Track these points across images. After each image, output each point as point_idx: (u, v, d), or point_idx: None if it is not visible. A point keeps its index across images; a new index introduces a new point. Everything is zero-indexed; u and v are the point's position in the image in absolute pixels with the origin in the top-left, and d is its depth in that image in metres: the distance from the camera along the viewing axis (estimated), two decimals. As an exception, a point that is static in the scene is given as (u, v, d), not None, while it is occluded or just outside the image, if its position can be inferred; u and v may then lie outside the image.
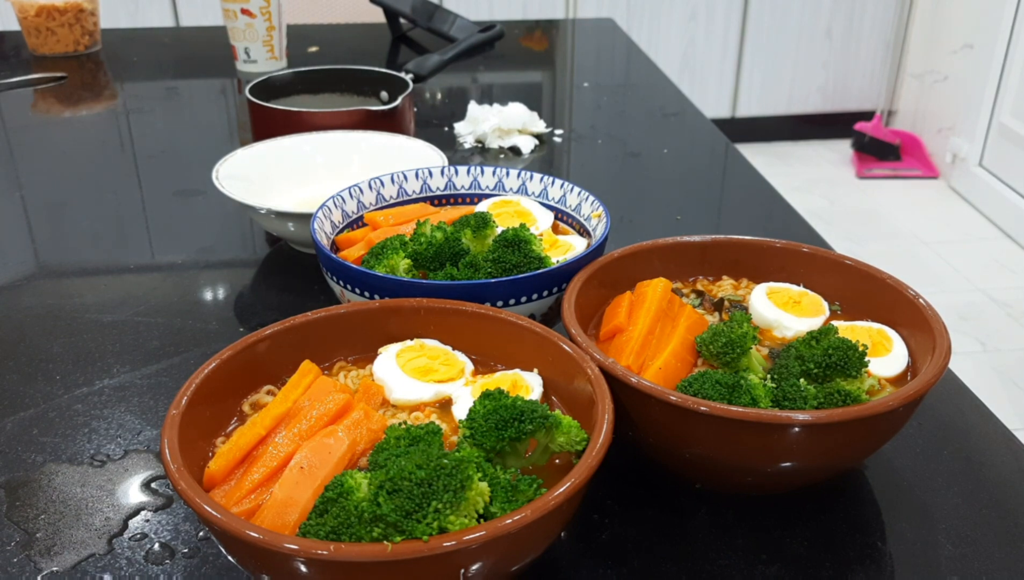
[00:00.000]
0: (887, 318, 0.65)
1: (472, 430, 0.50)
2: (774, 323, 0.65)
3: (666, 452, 0.57)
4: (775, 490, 0.60)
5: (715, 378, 0.55)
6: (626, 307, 0.64)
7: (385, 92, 1.25)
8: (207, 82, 1.59)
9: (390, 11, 1.78)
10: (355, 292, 0.66)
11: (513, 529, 0.42)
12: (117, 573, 0.53)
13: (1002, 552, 0.55)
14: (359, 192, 0.81)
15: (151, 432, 0.66)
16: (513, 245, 0.67)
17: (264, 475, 0.50)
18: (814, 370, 0.56)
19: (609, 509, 0.58)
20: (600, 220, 0.76)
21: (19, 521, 0.57)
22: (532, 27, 1.94)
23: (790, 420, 0.50)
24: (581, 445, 0.50)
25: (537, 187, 0.84)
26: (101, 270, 0.91)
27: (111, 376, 0.72)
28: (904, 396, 0.52)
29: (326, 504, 0.44)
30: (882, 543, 0.56)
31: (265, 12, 1.48)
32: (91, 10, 1.64)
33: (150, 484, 0.60)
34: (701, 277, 0.72)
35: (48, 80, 1.51)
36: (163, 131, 1.32)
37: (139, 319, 0.80)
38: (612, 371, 0.54)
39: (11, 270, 0.90)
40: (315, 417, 0.53)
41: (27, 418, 0.67)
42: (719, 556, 0.55)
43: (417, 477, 0.42)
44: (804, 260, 0.70)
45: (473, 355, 0.61)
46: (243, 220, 1.01)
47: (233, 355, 0.56)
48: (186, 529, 0.57)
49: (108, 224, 1.01)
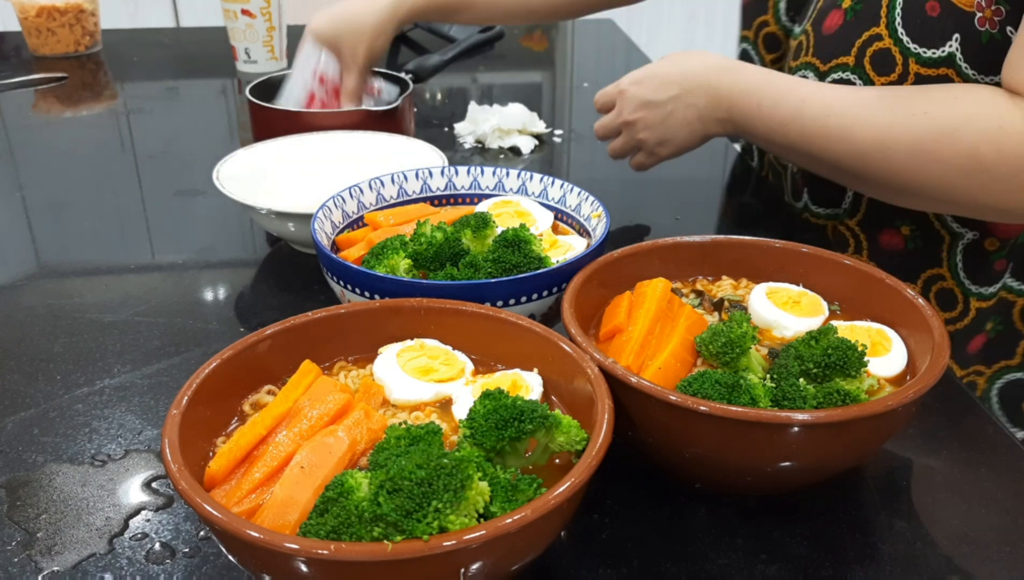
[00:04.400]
0: (887, 318, 0.65)
1: (472, 430, 0.50)
2: (774, 323, 0.65)
3: (666, 452, 0.57)
4: (775, 490, 0.60)
5: (715, 378, 0.55)
6: (626, 307, 0.64)
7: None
8: (207, 82, 1.59)
9: (390, 11, 1.78)
10: (355, 292, 0.66)
11: (513, 529, 0.42)
12: (118, 573, 0.53)
13: (1002, 552, 0.55)
14: (359, 192, 0.81)
15: (152, 432, 0.66)
16: (513, 245, 0.67)
17: (264, 475, 0.50)
18: (813, 370, 0.56)
19: (609, 509, 0.58)
20: (600, 220, 0.76)
21: (20, 521, 0.57)
22: (532, 27, 1.94)
23: (790, 420, 0.50)
24: (581, 445, 0.50)
25: (537, 187, 0.84)
26: (101, 270, 0.91)
27: (112, 376, 0.72)
28: (904, 396, 0.52)
29: (326, 504, 0.44)
30: (882, 543, 0.56)
31: (265, 12, 1.48)
32: (91, 10, 1.64)
33: (151, 484, 0.61)
34: (701, 277, 0.72)
35: (48, 80, 1.51)
36: (163, 131, 1.32)
37: (139, 319, 0.80)
38: (612, 371, 0.54)
39: (11, 270, 0.90)
40: (315, 417, 0.53)
41: (28, 418, 0.67)
42: (719, 556, 0.55)
43: (417, 477, 0.42)
44: (804, 260, 0.70)
45: (473, 355, 0.61)
46: (243, 220, 1.01)
47: (233, 355, 0.56)
48: (187, 529, 0.57)
49: (108, 224, 1.02)
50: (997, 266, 0.88)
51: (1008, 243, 0.87)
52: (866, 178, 0.79)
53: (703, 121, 0.89)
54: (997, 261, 0.88)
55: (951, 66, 0.78)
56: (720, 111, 0.87)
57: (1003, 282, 0.88)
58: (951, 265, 0.89)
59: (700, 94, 0.88)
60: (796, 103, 0.81)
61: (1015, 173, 0.70)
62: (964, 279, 0.89)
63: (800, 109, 0.81)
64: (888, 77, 0.82)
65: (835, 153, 0.79)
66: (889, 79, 0.81)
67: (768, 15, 1.01)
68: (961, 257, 0.88)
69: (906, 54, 0.80)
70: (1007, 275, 0.88)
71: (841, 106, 0.79)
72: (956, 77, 0.79)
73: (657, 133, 0.92)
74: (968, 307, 0.90)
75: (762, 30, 1.02)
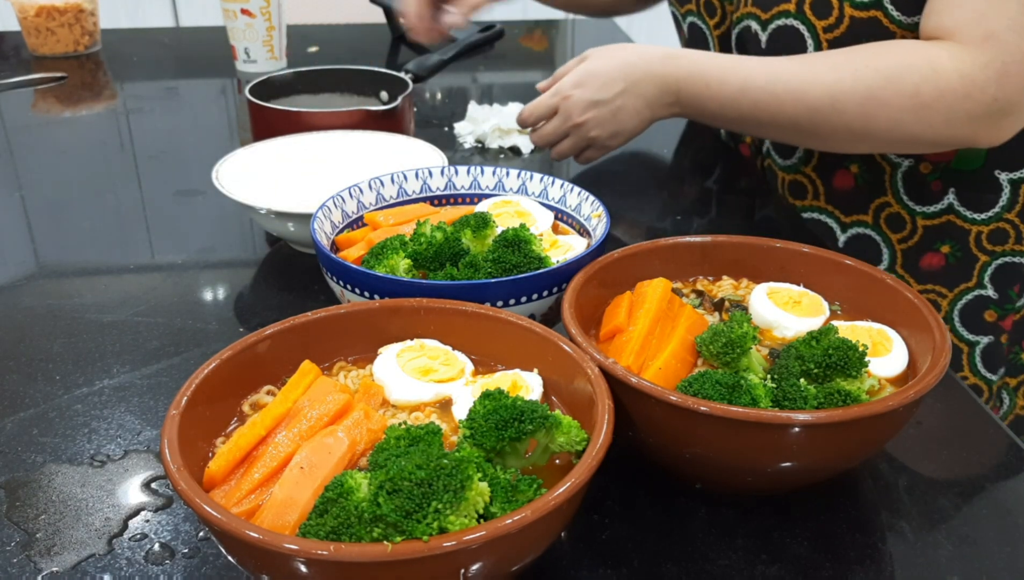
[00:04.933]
0: (887, 318, 0.65)
1: (472, 430, 0.50)
2: (774, 323, 0.65)
3: (666, 452, 0.57)
4: (775, 490, 0.60)
5: (715, 378, 0.55)
6: (626, 307, 0.64)
7: (385, 92, 1.25)
8: (207, 82, 1.59)
9: (390, 11, 1.78)
10: (355, 292, 0.66)
11: (513, 529, 0.42)
12: (117, 573, 0.53)
13: (1002, 552, 0.55)
14: (359, 192, 0.81)
15: (151, 432, 0.66)
16: (513, 245, 0.67)
17: (264, 475, 0.50)
18: (814, 370, 0.56)
19: (609, 509, 0.58)
20: (600, 220, 0.76)
21: (19, 521, 0.57)
22: (532, 27, 1.94)
23: (790, 420, 0.50)
24: (581, 445, 0.50)
25: (537, 187, 0.84)
26: (101, 270, 0.91)
27: (111, 376, 0.72)
28: (904, 396, 0.52)
29: (326, 504, 0.44)
30: (882, 543, 0.56)
31: (265, 12, 1.48)
32: (91, 10, 1.64)
33: (150, 484, 0.60)
34: (701, 277, 0.72)
35: (48, 80, 1.51)
36: (163, 131, 1.32)
37: (139, 319, 0.80)
38: (612, 371, 0.54)
39: (11, 270, 0.90)
40: (315, 417, 0.53)
41: (27, 418, 0.67)
42: (719, 556, 0.55)
43: (417, 477, 0.42)
44: (804, 260, 0.70)
45: (473, 355, 0.61)
46: (243, 220, 1.01)
47: (233, 355, 0.56)
48: (186, 529, 0.57)
49: (108, 224, 1.01)
50: (934, 187, 0.99)
51: (940, 166, 0.98)
52: (820, 134, 0.89)
53: (652, 108, 0.97)
54: (933, 182, 0.98)
55: (879, 8, 0.88)
56: (668, 95, 0.95)
57: (947, 203, 0.98)
58: (895, 191, 1.00)
59: (647, 84, 0.95)
60: (743, 76, 0.90)
61: (951, 107, 0.82)
62: (908, 201, 1.00)
63: (747, 81, 0.90)
64: (826, 20, 0.91)
65: (788, 115, 0.88)
66: (827, 22, 0.90)
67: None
68: (902, 182, 1.00)
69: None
70: (950, 197, 0.98)
71: (787, 72, 0.88)
72: (883, 18, 0.88)
73: (608, 128, 0.98)
74: (916, 226, 1.01)
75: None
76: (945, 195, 0.98)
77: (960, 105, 0.82)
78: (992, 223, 0.99)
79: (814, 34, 0.92)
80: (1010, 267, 1.01)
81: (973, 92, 0.81)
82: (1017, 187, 0.97)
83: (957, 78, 0.82)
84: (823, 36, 0.92)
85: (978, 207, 0.99)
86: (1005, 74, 0.81)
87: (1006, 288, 1.02)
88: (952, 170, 0.98)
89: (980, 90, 0.82)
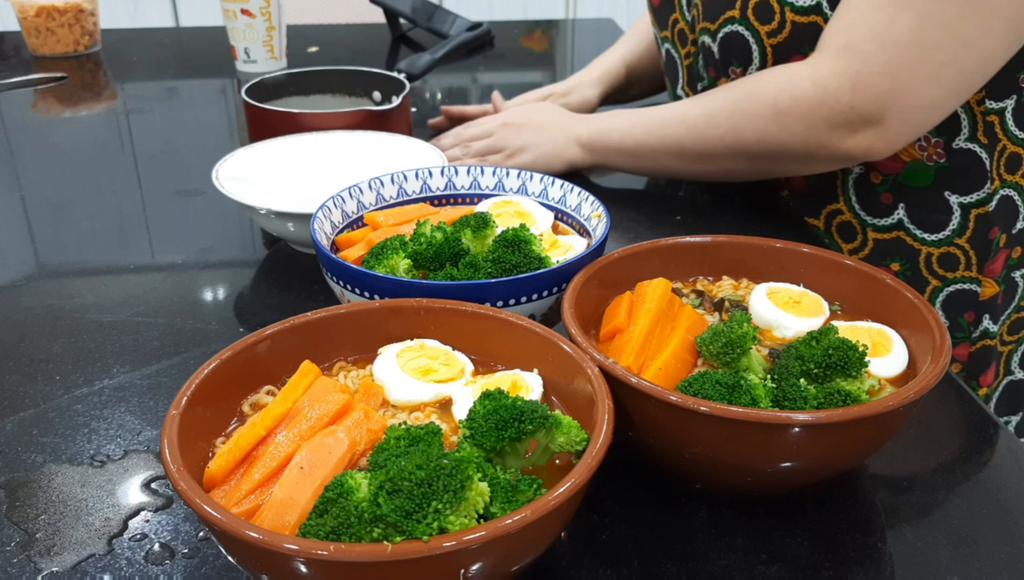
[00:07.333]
0: (887, 318, 0.65)
1: (472, 430, 0.50)
2: (774, 323, 0.65)
3: (666, 452, 0.57)
4: (775, 490, 0.60)
5: (715, 378, 0.55)
6: (626, 307, 0.64)
7: (377, 92, 1.25)
8: (207, 82, 1.59)
9: (390, 11, 1.78)
10: (355, 292, 0.66)
11: (513, 529, 0.42)
12: (117, 573, 0.53)
13: (1002, 552, 0.55)
14: (359, 192, 0.81)
15: (151, 432, 0.66)
16: (513, 245, 0.67)
17: (264, 475, 0.50)
18: (814, 370, 0.56)
19: (609, 509, 0.58)
20: (600, 220, 0.76)
21: (19, 521, 0.57)
22: (532, 27, 1.94)
23: (790, 420, 0.50)
24: (581, 445, 0.50)
25: (537, 187, 0.84)
26: (101, 270, 0.91)
27: (111, 376, 0.72)
28: (904, 396, 0.52)
29: (326, 504, 0.44)
30: (882, 543, 0.56)
31: (265, 12, 1.48)
32: (91, 10, 1.64)
33: (150, 484, 0.60)
34: (701, 277, 0.72)
35: (48, 80, 1.51)
36: (163, 131, 1.32)
37: (139, 319, 0.80)
38: (612, 371, 0.54)
39: (11, 270, 0.90)
40: (315, 417, 0.53)
41: (27, 418, 0.67)
42: (719, 556, 0.55)
43: (417, 477, 0.42)
44: (804, 260, 0.70)
45: (473, 355, 0.61)
46: (243, 220, 1.01)
47: (233, 355, 0.56)
48: (186, 529, 0.57)
49: (108, 224, 1.01)
50: (884, 199, 1.00)
51: (889, 178, 0.98)
52: (703, 152, 0.96)
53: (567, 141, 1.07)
54: (883, 194, 1.00)
55: (819, 13, 0.90)
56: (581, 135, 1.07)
57: (897, 218, 1.00)
58: (846, 198, 1.02)
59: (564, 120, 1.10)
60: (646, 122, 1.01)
61: (808, 113, 0.86)
62: (859, 211, 1.01)
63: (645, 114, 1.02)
64: (769, 25, 0.93)
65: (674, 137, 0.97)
66: (770, 27, 0.93)
67: (676, 12, 1.09)
68: (853, 190, 1.01)
69: (782, 4, 0.91)
70: (900, 212, 0.99)
71: (677, 103, 0.99)
72: (823, 23, 0.90)
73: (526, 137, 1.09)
74: (867, 237, 1.03)
75: (675, 27, 1.11)
76: (895, 209, 0.99)
77: (817, 112, 0.86)
78: (943, 246, 0.99)
79: (758, 40, 0.94)
80: (961, 294, 1.00)
81: (827, 99, 0.85)
82: (967, 212, 0.97)
83: (810, 85, 0.86)
84: (767, 41, 0.94)
85: (929, 227, 0.98)
86: (859, 83, 0.83)
87: (956, 316, 1.01)
88: (901, 185, 0.98)
89: (834, 97, 0.84)
